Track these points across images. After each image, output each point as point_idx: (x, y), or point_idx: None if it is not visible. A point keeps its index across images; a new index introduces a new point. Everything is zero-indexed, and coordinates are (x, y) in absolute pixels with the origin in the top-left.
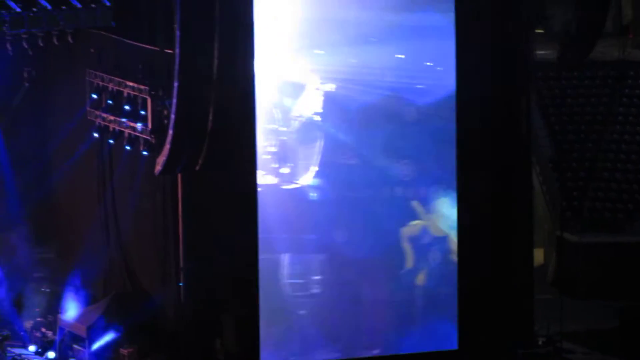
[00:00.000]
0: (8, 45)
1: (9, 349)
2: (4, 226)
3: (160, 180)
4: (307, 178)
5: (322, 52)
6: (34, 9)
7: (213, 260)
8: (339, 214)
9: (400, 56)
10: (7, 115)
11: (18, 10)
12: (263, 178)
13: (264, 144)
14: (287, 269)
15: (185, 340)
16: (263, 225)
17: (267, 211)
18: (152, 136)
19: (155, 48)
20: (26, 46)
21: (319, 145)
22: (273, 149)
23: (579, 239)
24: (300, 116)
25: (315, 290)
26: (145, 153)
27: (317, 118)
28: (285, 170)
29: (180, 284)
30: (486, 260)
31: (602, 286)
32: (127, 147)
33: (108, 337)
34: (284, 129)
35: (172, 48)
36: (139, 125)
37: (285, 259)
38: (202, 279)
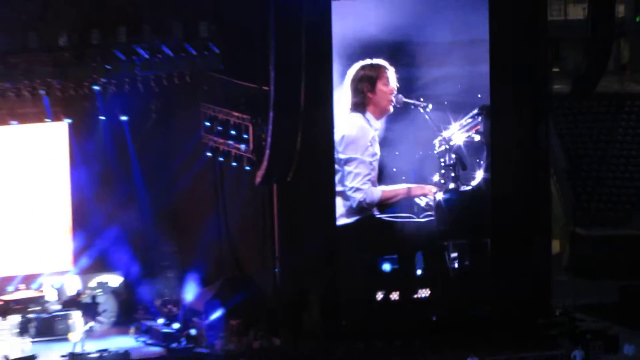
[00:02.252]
0: (139, 84)
1: (143, 321)
2: (138, 227)
3: (259, 190)
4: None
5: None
6: (159, 56)
7: (301, 252)
8: None
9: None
10: (139, 139)
11: (147, 56)
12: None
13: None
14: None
15: (280, 315)
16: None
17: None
18: (253, 155)
19: (255, 85)
20: (153, 85)
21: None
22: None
23: (588, 232)
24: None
25: None
26: (247, 168)
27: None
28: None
29: (276, 270)
30: (516, 250)
31: (606, 269)
32: (234, 164)
33: (219, 312)
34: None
35: (268, 85)
36: (242, 147)
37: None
38: (293, 266)
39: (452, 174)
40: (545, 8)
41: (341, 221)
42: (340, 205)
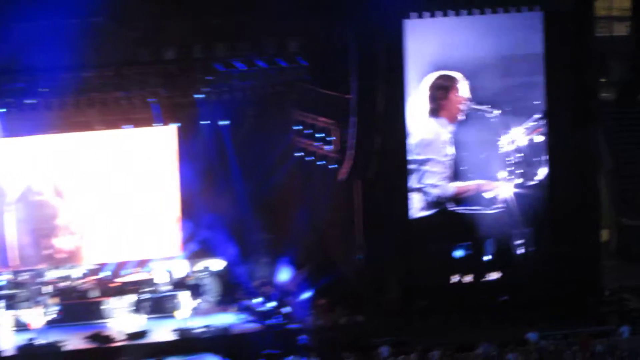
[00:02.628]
0: (237, 93)
1: (242, 300)
2: (238, 218)
3: (343, 185)
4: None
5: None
6: (255, 68)
7: (381, 240)
8: None
9: None
10: (237, 141)
11: (243, 69)
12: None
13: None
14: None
15: (362, 296)
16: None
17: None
18: (338, 155)
19: (338, 94)
20: (249, 93)
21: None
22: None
23: (632, 222)
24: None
25: None
26: (333, 167)
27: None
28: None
29: (359, 257)
30: (571, 237)
31: None
32: (320, 163)
33: (309, 292)
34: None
35: (350, 94)
36: (328, 147)
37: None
38: (373, 253)
39: (518, 171)
40: (592, 26)
41: (420, 214)
42: (419, 200)
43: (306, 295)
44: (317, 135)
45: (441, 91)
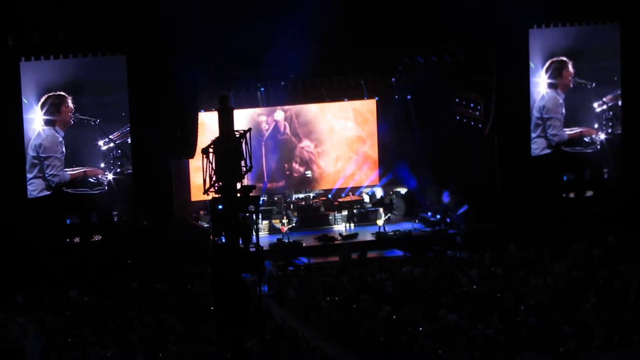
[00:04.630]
0: (419, 77)
1: (420, 214)
2: (418, 159)
3: (485, 139)
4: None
5: None
6: (429, 61)
7: (510, 177)
8: None
9: None
10: (417, 109)
11: (422, 61)
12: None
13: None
14: None
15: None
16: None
17: None
18: (483, 118)
19: (483, 77)
20: (426, 77)
21: None
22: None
23: None
24: None
25: None
26: (480, 126)
27: None
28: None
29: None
30: None
31: None
32: (472, 124)
33: (464, 209)
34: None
35: (490, 79)
36: (477, 113)
37: None
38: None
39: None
40: None
41: (541, 153)
42: (539, 143)
43: (462, 210)
44: (470, 104)
45: (555, 70)
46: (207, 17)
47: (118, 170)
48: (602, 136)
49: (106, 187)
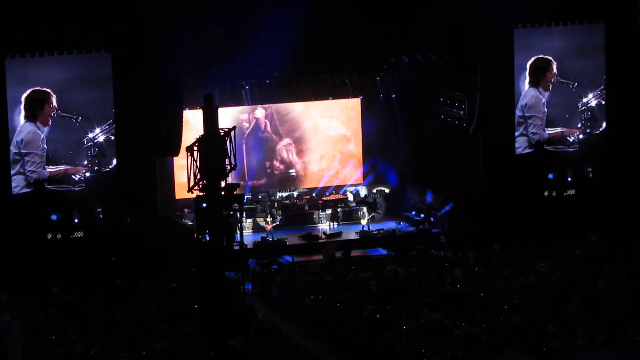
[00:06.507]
0: (403, 76)
1: (403, 213)
2: (401, 158)
3: (470, 138)
4: None
5: None
6: (414, 60)
7: (495, 172)
8: None
9: None
10: (401, 107)
11: (406, 60)
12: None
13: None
14: None
15: (482, 210)
16: None
17: None
18: (467, 117)
19: (468, 76)
20: (411, 76)
21: None
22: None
23: None
24: None
25: None
26: (464, 125)
27: None
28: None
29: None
30: None
31: None
32: (456, 122)
33: (447, 207)
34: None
35: (475, 78)
36: (461, 112)
37: None
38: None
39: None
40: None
41: (523, 152)
42: (522, 142)
43: (445, 209)
44: (455, 104)
45: (539, 69)
46: (192, 15)
47: (95, 168)
48: (584, 136)
49: (84, 185)
